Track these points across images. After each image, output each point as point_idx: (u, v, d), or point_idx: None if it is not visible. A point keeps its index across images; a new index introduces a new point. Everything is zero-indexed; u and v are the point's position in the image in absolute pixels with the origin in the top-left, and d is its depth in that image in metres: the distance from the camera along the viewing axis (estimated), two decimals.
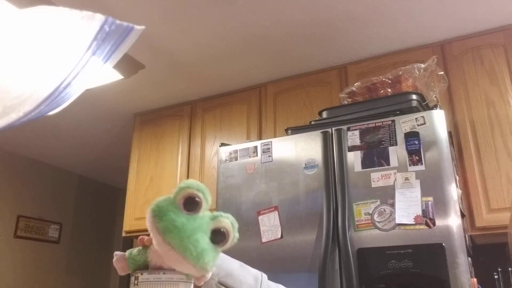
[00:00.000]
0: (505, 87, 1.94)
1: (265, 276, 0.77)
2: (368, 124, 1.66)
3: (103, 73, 0.61)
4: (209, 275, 0.60)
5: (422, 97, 1.75)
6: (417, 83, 1.82)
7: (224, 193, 1.84)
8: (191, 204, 0.58)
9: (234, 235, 0.61)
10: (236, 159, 1.87)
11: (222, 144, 1.97)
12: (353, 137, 1.67)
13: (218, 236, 0.60)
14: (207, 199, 0.60)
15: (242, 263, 0.76)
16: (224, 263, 0.71)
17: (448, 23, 2.03)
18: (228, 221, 0.61)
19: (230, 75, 2.48)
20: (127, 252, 0.62)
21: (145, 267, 0.61)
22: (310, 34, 2.11)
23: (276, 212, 1.70)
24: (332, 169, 1.66)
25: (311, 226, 1.62)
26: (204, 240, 0.58)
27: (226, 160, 1.89)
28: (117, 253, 0.62)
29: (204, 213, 0.60)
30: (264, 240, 1.69)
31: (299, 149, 1.75)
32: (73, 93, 0.60)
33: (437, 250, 1.40)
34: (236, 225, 0.62)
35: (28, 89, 0.58)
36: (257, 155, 1.83)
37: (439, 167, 1.50)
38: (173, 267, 0.58)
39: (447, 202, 1.45)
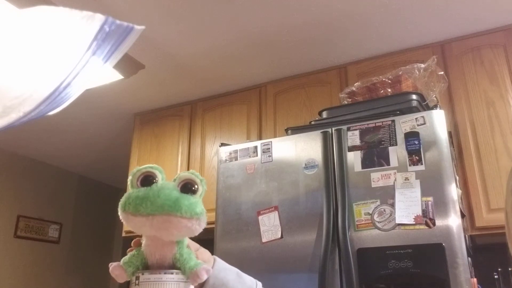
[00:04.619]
0: (505, 87, 1.94)
1: (259, 284, 0.77)
2: (368, 124, 1.66)
3: (103, 73, 0.61)
4: (202, 222, 0.60)
5: (422, 97, 1.75)
6: (417, 83, 1.82)
7: (224, 193, 1.84)
8: (146, 179, 0.61)
9: (200, 179, 0.62)
10: (236, 159, 1.87)
11: (222, 144, 1.97)
12: (353, 137, 1.67)
13: (186, 188, 0.61)
14: (162, 173, 0.62)
15: (239, 271, 0.75)
16: (221, 273, 0.70)
17: (448, 23, 2.03)
18: (186, 173, 0.63)
19: (230, 75, 2.48)
20: (121, 261, 0.62)
21: (144, 268, 0.61)
22: (310, 34, 2.11)
23: (276, 212, 1.70)
24: (332, 169, 1.66)
25: (311, 226, 1.62)
26: (175, 192, 0.59)
27: (226, 160, 1.89)
28: (112, 263, 0.62)
29: (163, 181, 0.62)
30: (264, 240, 1.69)
31: (299, 149, 1.75)
32: (73, 93, 0.60)
33: (437, 250, 1.40)
34: (197, 173, 0.64)
35: (28, 89, 0.58)
36: (257, 155, 1.83)
37: (439, 167, 1.50)
38: (170, 234, 0.59)
39: (447, 202, 1.45)
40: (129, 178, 0.62)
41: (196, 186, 0.61)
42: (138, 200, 0.58)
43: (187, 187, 0.61)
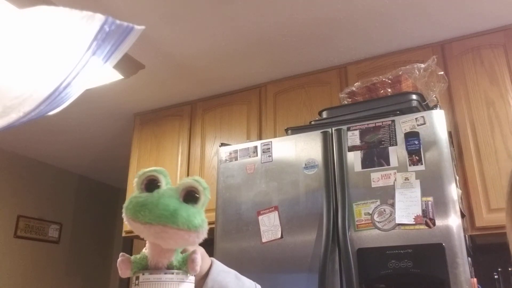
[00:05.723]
0: (505, 87, 1.94)
1: (258, 287, 0.77)
2: (368, 124, 1.66)
3: (103, 73, 0.61)
4: (201, 234, 0.58)
5: (422, 97, 1.75)
6: (417, 83, 1.82)
7: (224, 193, 1.84)
8: (151, 183, 0.60)
9: (203, 187, 0.60)
10: (236, 159, 1.87)
11: (222, 144, 1.97)
12: (353, 137, 1.67)
13: (189, 196, 0.59)
14: (166, 177, 0.62)
15: (238, 274, 0.75)
16: (219, 276, 0.71)
17: (448, 23, 2.03)
18: (190, 180, 0.61)
19: (230, 75, 2.48)
20: (132, 257, 0.62)
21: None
22: (310, 34, 2.11)
23: (276, 212, 1.70)
24: (332, 169, 1.66)
25: (311, 226, 1.62)
26: (174, 202, 0.58)
27: (226, 160, 1.89)
28: (124, 254, 0.62)
29: (167, 186, 0.61)
30: (264, 240, 1.69)
31: (299, 149, 1.75)
32: (73, 93, 0.60)
33: (437, 250, 1.40)
34: (202, 180, 0.61)
35: (28, 89, 0.58)
36: (257, 155, 1.83)
37: (439, 167, 1.50)
38: (167, 244, 0.58)
39: (447, 202, 1.45)
40: (135, 179, 0.61)
41: (198, 195, 0.60)
42: (137, 206, 0.58)
43: (190, 195, 0.59)
